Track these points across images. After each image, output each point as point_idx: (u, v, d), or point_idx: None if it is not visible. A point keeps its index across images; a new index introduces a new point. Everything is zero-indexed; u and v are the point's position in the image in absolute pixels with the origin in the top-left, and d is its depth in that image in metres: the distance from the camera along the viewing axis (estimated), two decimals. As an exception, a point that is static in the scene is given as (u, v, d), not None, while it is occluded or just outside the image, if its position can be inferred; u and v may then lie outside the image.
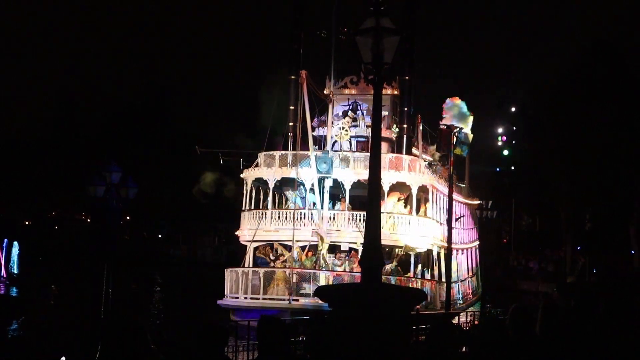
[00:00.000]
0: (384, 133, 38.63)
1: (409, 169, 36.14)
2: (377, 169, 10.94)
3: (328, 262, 35.24)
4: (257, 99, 39.33)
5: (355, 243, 34.61)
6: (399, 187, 36.29)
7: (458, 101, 41.53)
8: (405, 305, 9.50)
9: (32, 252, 59.85)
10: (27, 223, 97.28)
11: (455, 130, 37.33)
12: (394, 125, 39.25)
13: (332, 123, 37.94)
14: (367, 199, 10.75)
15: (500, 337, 7.35)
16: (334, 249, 35.97)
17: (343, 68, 40.60)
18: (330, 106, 37.85)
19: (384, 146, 38.85)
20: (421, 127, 41.23)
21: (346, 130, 38.00)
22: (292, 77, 38.14)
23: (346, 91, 40.34)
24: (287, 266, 34.81)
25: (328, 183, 36.03)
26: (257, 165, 37.16)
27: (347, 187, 35.74)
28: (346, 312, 8.76)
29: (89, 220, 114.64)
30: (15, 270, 56.50)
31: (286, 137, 37.93)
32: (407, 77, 39.57)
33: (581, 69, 57.00)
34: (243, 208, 37.44)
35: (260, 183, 37.47)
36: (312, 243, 35.44)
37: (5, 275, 55.04)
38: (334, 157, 36.06)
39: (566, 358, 7.10)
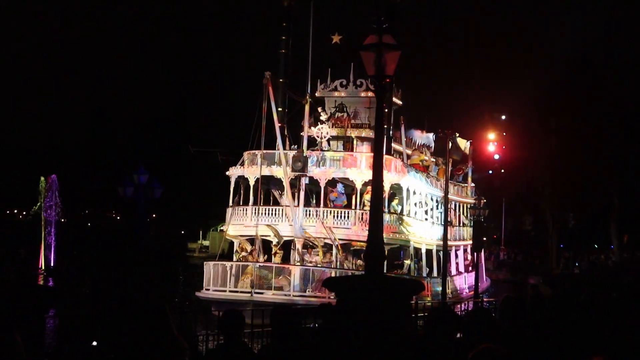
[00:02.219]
0: (366, 133, 38.03)
1: (386, 169, 34.62)
2: (379, 171, 10.97)
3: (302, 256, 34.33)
4: (249, 100, 37.68)
5: (329, 238, 33.86)
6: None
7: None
8: (404, 294, 9.52)
9: (66, 247, 59.89)
10: (62, 220, 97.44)
11: (450, 137, 37.22)
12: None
13: (319, 123, 36.88)
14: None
15: (488, 324, 7.36)
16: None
17: (336, 71, 39.79)
18: (307, 108, 36.19)
19: (366, 146, 38.13)
20: (402, 130, 40.16)
21: (326, 131, 36.74)
22: (281, 80, 36.73)
23: (335, 94, 39.30)
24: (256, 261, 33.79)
25: (304, 181, 34.93)
26: (242, 164, 36.13)
27: (322, 185, 34.63)
28: (351, 301, 8.78)
29: (118, 218, 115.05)
30: (51, 263, 56.60)
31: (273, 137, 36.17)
32: (387, 80, 37.72)
33: (564, 83, 57.11)
34: (229, 205, 36.31)
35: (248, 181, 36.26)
36: (289, 238, 34.65)
37: (42, 267, 55.19)
38: (312, 156, 34.93)
39: (551, 342, 7.09)
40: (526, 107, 63.06)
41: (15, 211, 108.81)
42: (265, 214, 34.97)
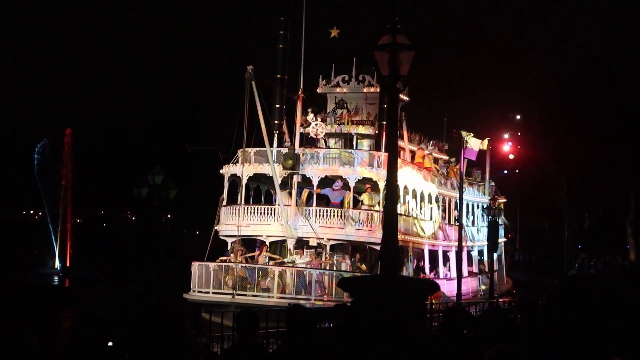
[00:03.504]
0: (366, 130, 37.13)
1: (377, 165, 33.56)
2: (394, 171, 10.94)
3: (294, 257, 33.19)
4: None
5: (322, 239, 33.00)
6: (370, 182, 34.06)
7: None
8: (420, 294, 9.51)
9: (82, 248, 60.21)
10: (78, 221, 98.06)
11: (464, 138, 36.91)
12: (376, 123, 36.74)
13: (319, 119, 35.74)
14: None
15: (501, 324, 7.35)
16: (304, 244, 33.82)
17: (338, 66, 38.79)
18: (299, 104, 35.24)
19: (365, 143, 37.52)
20: (404, 126, 38.57)
21: (322, 127, 35.61)
22: (278, 76, 35.49)
23: (337, 90, 38.40)
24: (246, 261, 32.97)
25: (296, 179, 33.92)
26: (236, 162, 35.01)
27: (315, 182, 33.59)
28: (367, 301, 8.78)
29: (133, 218, 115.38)
30: (67, 264, 56.90)
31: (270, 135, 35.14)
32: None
33: (577, 82, 56.93)
34: (223, 204, 35.11)
35: (249, 180, 35.16)
36: (280, 239, 33.73)
37: (59, 268, 55.54)
38: (305, 154, 33.95)
39: (566, 342, 7.07)
40: (541, 107, 62.91)
41: (31, 212, 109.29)
42: (257, 213, 34.15)
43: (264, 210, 34.33)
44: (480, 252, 45.24)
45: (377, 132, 36.60)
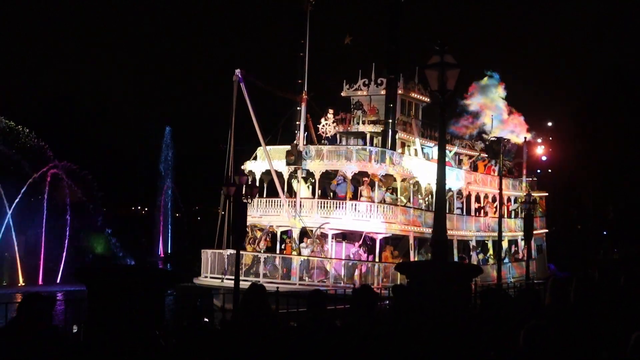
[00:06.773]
0: (377, 129, 35.74)
1: (375, 161, 32.27)
2: (442, 174, 10.92)
3: (297, 246, 32.05)
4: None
5: (324, 228, 31.78)
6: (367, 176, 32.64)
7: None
8: (465, 277, 9.46)
9: (181, 237, 61.27)
10: (177, 215, 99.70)
11: (503, 142, 36.12)
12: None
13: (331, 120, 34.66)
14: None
15: (534, 302, 7.26)
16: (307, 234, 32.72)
17: (348, 69, 37.76)
18: (304, 105, 33.58)
19: (378, 140, 36.06)
20: (414, 123, 36.99)
21: (331, 126, 34.54)
22: (299, 81, 34.07)
23: (359, 93, 37.11)
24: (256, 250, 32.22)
25: (301, 173, 32.84)
26: (255, 158, 34.18)
27: (317, 177, 32.51)
28: (421, 283, 8.77)
29: (223, 213, 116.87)
30: (169, 250, 57.98)
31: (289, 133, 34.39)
32: (392, 76, 34.53)
33: (604, 90, 55.86)
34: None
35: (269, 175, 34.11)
36: (287, 228, 32.83)
37: (162, 254, 56.65)
38: (309, 150, 32.74)
39: (593, 320, 6.94)
40: (570, 114, 61.86)
41: (139, 207, 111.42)
42: (267, 205, 33.47)
43: (273, 202, 33.53)
44: (514, 242, 43.86)
45: (383, 130, 35.17)
